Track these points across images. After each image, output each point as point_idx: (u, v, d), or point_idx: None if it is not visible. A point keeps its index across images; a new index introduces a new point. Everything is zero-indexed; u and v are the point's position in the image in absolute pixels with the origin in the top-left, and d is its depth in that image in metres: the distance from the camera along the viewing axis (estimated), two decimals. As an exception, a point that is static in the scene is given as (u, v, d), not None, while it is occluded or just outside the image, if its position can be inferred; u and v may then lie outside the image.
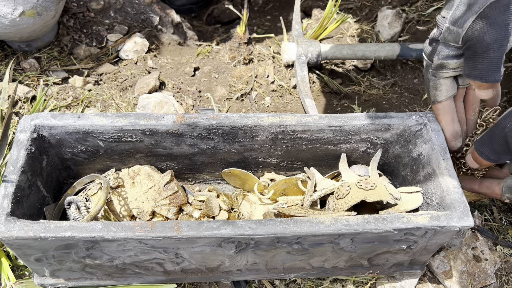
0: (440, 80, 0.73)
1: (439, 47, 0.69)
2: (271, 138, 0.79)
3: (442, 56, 0.69)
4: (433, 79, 0.73)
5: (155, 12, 1.28)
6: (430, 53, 0.71)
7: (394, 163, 0.86)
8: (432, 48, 0.71)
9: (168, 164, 0.85)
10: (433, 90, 0.74)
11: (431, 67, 0.72)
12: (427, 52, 0.72)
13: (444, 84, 0.73)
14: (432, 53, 0.71)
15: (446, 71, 0.71)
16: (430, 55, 0.71)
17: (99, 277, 0.74)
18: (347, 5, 1.41)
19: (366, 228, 0.64)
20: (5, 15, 0.97)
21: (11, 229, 0.61)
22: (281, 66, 1.21)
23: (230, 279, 0.78)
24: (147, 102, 1.04)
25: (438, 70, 0.72)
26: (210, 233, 0.62)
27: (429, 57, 0.72)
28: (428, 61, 0.73)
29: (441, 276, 0.82)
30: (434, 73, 0.72)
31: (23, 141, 0.70)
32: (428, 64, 0.73)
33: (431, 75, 0.73)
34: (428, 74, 0.74)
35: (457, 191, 0.68)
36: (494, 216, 0.92)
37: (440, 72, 0.72)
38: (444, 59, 0.70)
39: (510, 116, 0.64)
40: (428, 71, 0.73)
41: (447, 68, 0.71)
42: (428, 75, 0.74)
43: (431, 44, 0.71)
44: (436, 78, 0.73)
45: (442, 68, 0.71)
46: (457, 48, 0.68)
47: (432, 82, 0.73)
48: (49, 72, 1.11)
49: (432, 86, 0.74)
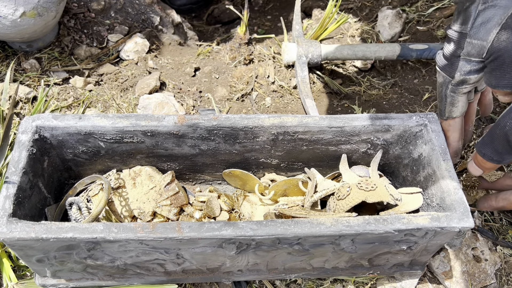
0: (459, 96, 0.72)
1: (461, 63, 0.68)
2: (272, 139, 0.79)
3: (464, 72, 0.68)
4: (451, 95, 0.72)
5: (156, 12, 1.29)
6: (449, 69, 0.70)
7: (394, 164, 0.86)
8: (451, 64, 0.70)
9: (169, 165, 0.85)
10: (449, 106, 0.73)
11: (451, 83, 0.71)
12: (445, 68, 0.71)
13: (461, 101, 0.73)
14: (451, 69, 0.70)
15: (465, 87, 0.71)
16: (450, 71, 0.70)
17: (101, 278, 0.75)
18: (347, 5, 1.41)
19: (366, 229, 0.64)
20: (6, 15, 0.97)
21: (13, 230, 0.61)
22: (281, 66, 1.21)
23: (231, 279, 0.78)
24: (148, 103, 1.04)
25: (458, 86, 0.71)
26: (211, 234, 0.63)
27: (449, 73, 0.70)
28: (447, 77, 0.71)
29: (441, 276, 0.82)
30: (454, 89, 0.71)
31: (25, 142, 0.70)
32: (446, 81, 0.72)
33: (450, 92, 0.72)
34: (447, 90, 0.72)
35: (457, 192, 0.68)
36: (494, 216, 0.92)
37: (460, 88, 0.71)
38: (466, 75, 0.69)
39: (509, 114, 0.64)
40: (447, 87, 0.72)
41: (467, 83, 0.70)
42: (447, 91, 0.72)
43: (449, 59, 0.70)
44: (455, 94, 0.72)
45: (463, 83, 0.70)
46: (478, 63, 0.67)
47: (450, 98, 0.72)
48: (50, 73, 1.12)
49: (450, 102, 0.73)
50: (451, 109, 0.74)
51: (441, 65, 0.72)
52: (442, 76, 0.72)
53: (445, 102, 0.74)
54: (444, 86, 0.73)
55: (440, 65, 0.72)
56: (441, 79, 0.73)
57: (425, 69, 1.22)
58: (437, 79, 0.74)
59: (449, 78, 0.71)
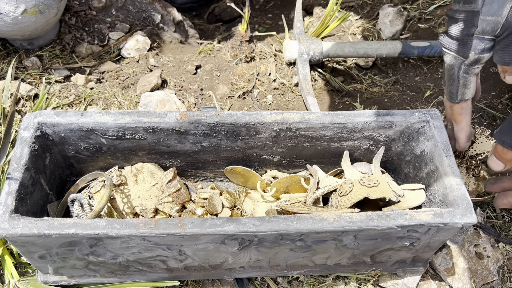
0: (471, 77, 0.71)
1: (475, 42, 0.67)
2: (274, 136, 0.79)
3: (479, 51, 0.67)
4: (464, 76, 0.71)
5: (157, 10, 1.28)
6: (462, 49, 0.69)
7: (396, 161, 0.86)
8: (463, 44, 0.68)
9: (171, 162, 0.85)
10: (462, 88, 0.72)
11: (465, 64, 0.70)
12: (457, 49, 0.69)
13: (473, 81, 0.72)
14: (465, 49, 0.68)
15: (478, 66, 0.70)
16: (464, 51, 0.69)
17: (103, 275, 0.75)
18: (348, 3, 1.41)
19: (369, 225, 0.64)
20: (7, 13, 0.97)
21: (15, 226, 0.61)
22: (283, 64, 1.21)
23: (233, 276, 0.78)
24: (149, 100, 1.04)
25: (471, 66, 0.70)
26: (214, 230, 0.63)
27: (462, 53, 0.69)
28: (460, 57, 0.70)
29: (444, 273, 0.82)
30: (467, 69, 0.70)
31: (27, 138, 0.70)
32: (458, 62, 0.70)
33: (463, 73, 0.71)
34: (459, 72, 0.71)
35: (460, 188, 0.68)
36: (496, 213, 0.92)
37: (473, 68, 0.70)
38: (480, 54, 0.68)
39: None
40: (460, 68, 0.70)
41: (480, 62, 0.69)
42: (459, 73, 0.71)
43: (461, 39, 0.68)
44: (468, 75, 0.71)
45: (476, 63, 0.69)
46: (490, 40, 0.66)
47: (463, 79, 0.71)
48: (51, 70, 1.11)
49: (463, 84, 0.72)
50: (464, 91, 0.72)
51: (451, 46, 0.70)
52: (453, 58, 0.71)
53: (457, 85, 0.72)
54: (456, 68, 0.71)
55: (449, 47, 0.70)
56: (452, 61, 0.71)
57: (426, 66, 1.22)
58: (446, 62, 0.72)
59: (462, 59, 0.70)
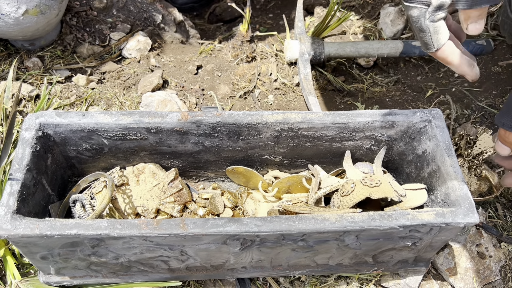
0: (438, 22, 0.71)
1: None
2: (275, 136, 0.79)
3: None
4: (431, 24, 0.71)
5: (158, 11, 1.28)
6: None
7: (398, 160, 0.86)
8: None
9: (172, 162, 0.85)
10: (434, 36, 0.73)
11: (428, 11, 0.71)
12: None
13: (442, 26, 0.72)
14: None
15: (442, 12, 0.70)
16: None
17: (104, 275, 0.75)
18: (349, 2, 1.40)
19: (371, 225, 0.64)
20: (8, 13, 0.97)
21: (17, 227, 0.61)
22: (284, 64, 1.21)
23: (234, 276, 0.78)
24: (151, 101, 1.04)
25: (435, 12, 0.70)
26: (216, 230, 0.62)
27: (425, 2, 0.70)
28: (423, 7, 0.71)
29: (446, 273, 0.82)
30: (432, 18, 0.71)
31: (28, 139, 0.70)
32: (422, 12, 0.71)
33: (429, 21, 0.71)
34: (426, 21, 0.72)
35: (462, 188, 0.68)
36: (498, 213, 0.92)
37: (437, 14, 0.70)
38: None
39: None
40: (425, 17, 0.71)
41: (443, 8, 0.70)
42: (425, 22, 0.72)
43: None
44: (434, 22, 0.71)
45: (439, 9, 0.70)
46: None
47: (432, 27, 0.72)
48: (53, 71, 1.11)
49: (433, 32, 0.72)
50: (437, 38, 0.73)
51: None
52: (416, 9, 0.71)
53: (428, 34, 0.73)
54: (422, 18, 0.72)
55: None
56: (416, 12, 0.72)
57: (428, 66, 1.22)
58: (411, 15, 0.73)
59: (425, 8, 0.70)
